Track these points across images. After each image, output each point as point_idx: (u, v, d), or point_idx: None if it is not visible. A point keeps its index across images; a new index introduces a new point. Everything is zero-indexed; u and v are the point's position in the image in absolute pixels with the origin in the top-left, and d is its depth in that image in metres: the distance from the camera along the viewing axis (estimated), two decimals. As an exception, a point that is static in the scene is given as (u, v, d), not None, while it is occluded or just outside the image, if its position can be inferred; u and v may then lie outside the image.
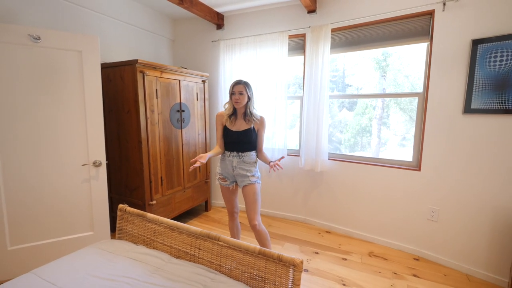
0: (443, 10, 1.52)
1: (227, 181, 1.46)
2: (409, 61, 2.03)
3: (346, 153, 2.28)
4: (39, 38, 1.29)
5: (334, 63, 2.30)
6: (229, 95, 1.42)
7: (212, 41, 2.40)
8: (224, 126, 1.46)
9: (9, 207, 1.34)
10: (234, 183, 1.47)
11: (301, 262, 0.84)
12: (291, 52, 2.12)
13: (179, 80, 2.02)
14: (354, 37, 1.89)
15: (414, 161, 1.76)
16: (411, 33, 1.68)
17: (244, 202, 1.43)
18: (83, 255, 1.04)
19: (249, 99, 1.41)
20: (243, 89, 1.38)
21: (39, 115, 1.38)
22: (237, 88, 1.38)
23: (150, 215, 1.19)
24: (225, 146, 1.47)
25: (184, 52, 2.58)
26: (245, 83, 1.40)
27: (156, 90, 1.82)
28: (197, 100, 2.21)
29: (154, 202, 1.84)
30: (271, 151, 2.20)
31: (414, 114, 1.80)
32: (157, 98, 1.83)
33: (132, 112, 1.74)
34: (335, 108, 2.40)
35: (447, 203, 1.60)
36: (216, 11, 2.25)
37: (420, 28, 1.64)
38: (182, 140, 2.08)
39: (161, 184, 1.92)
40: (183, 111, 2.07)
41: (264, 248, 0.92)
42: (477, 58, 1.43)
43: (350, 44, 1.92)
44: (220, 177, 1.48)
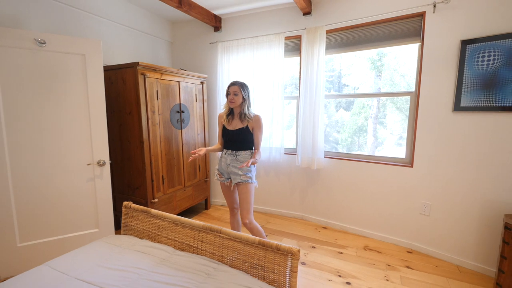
0: (434, 12, 1.57)
1: (223, 177, 1.53)
2: (403, 61, 2.05)
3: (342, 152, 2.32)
4: (44, 43, 1.34)
5: (330, 63, 2.32)
6: (226, 95, 1.48)
7: (210, 43, 2.45)
8: (223, 126, 1.53)
9: (18, 206, 1.39)
10: (229, 179, 1.53)
11: (298, 251, 0.91)
12: (287, 53, 2.18)
13: (179, 82, 2.07)
14: (348, 38, 1.95)
15: (407, 158, 1.83)
16: (403, 34, 1.74)
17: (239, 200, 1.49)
18: (92, 248, 1.10)
19: (244, 99, 1.46)
20: (238, 90, 1.44)
21: (46, 117, 1.43)
22: (232, 89, 1.44)
23: (154, 211, 1.25)
24: (224, 144, 1.54)
25: (182, 54, 2.63)
26: (240, 84, 1.46)
27: (157, 91, 1.87)
28: (196, 101, 2.27)
29: (156, 200, 1.90)
30: (268, 150, 2.27)
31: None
32: (157, 100, 1.88)
33: (134, 113, 1.80)
34: (332, 108, 2.41)
35: (439, 198, 1.67)
36: (213, 13, 2.31)
37: (411, 29, 1.70)
38: (182, 140, 2.14)
39: (163, 183, 1.98)
40: (182, 112, 2.12)
41: (263, 239, 0.99)
42: (466, 58, 1.48)
43: (345, 45, 1.98)
44: (217, 173, 1.55)
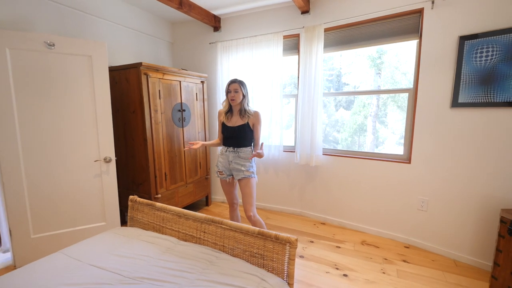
0: (432, 8, 1.57)
1: (224, 174, 1.58)
2: (402, 58, 2.05)
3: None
4: (53, 45, 1.41)
5: (330, 62, 2.32)
6: (225, 93, 1.54)
7: (210, 43, 2.49)
8: (222, 123, 1.57)
9: (31, 199, 1.47)
10: (231, 176, 1.58)
11: (296, 240, 0.96)
12: (286, 52, 2.21)
13: (180, 81, 2.13)
14: (347, 36, 1.96)
15: (405, 154, 1.84)
16: (401, 31, 1.74)
17: (241, 195, 1.55)
18: (102, 238, 1.17)
19: (243, 96, 1.51)
20: (238, 87, 1.49)
21: (56, 115, 1.50)
22: (232, 87, 1.50)
23: (159, 204, 1.32)
24: (224, 142, 1.59)
25: (183, 54, 2.68)
26: (240, 81, 1.51)
27: (159, 91, 1.94)
28: (197, 100, 2.33)
29: (159, 196, 1.97)
30: (267, 148, 2.31)
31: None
32: (160, 99, 1.94)
33: (137, 112, 1.86)
34: (331, 107, 2.40)
35: (436, 193, 1.68)
36: (213, 14, 2.36)
37: (410, 26, 1.70)
38: (183, 138, 2.20)
39: (165, 179, 2.05)
40: (184, 110, 2.18)
41: (262, 229, 1.04)
42: (464, 54, 1.48)
43: (343, 43, 1.99)
44: (218, 170, 1.60)
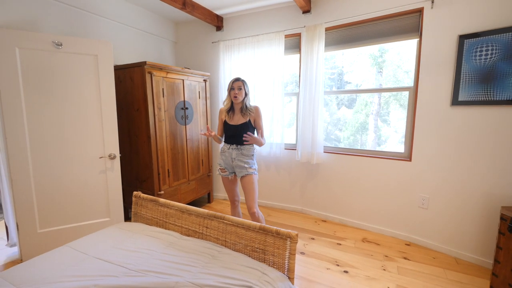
0: (432, 8, 1.59)
1: (226, 171, 1.60)
2: (404, 56, 2.05)
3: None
4: (61, 45, 1.45)
5: (332, 61, 2.33)
6: (228, 91, 1.56)
7: (212, 42, 2.52)
8: (224, 121, 1.59)
9: (38, 195, 1.51)
10: (233, 173, 1.60)
11: (297, 235, 0.98)
12: (287, 51, 2.23)
13: (183, 80, 2.16)
14: (348, 35, 1.98)
15: (406, 152, 1.85)
16: (402, 30, 1.76)
17: (243, 192, 1.56)
18: (107, 232, 1.19)
19: (245, 94, 1.55)
20: (242, 85, 1.53)
21: (62, 113, 1.53)
22: (236, 84, 1.52)
23: (162, 200, 1.34)
24: (226, 140, 1.61)
25: (186, 53, 2.71)
26: (243, 80, 1.55)
27: (163, 89, 1.96)
28: (199, 98, 2.35)
29: (162, 192, 1.99)
30: (269, 146, 2.33)
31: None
32: (163, 97, 1.97)
33: (141, 110, 1.89)
34: (333, 106, 2.39)
35: (437, 191, 1.69)
36: (215, 13, 2.38)
37: (410, 25, 1.72)
38: (186, 135, 2.23)
39: (168, 176, 2.07)
40: (186, 108, 2.21)
41: (263, 225, 1.06)
42: (464, 53, 1.50)
43: (345, 42, 2.01)
44: (220, 168, 1.61)
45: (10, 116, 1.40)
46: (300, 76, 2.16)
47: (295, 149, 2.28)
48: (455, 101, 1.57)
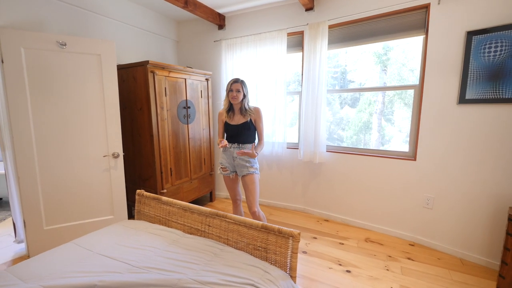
0: (438, 3, 1.55)
1: (227, 170, 1.60)
2: (409, 54, 2.01)
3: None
4: (65, 44, 1.46)
5: (335, 59, 2.30)
6: (226, 92, 1.55)
7: (214, 41, 2.52)
8: (225, 122, 1.59)
9: (43, 193, 1.53)
10: (234, 172, 1.60)
11: (299, 234, 0.97)
12: (290, 49, 2.21)
13: (185, 79, 2.17)
14: (352, 32, 1.94)
15: (410, 152, 1.83)
16: (407, 27, 1.72)
17: (244, 191, 1.56)
18: (111, 230, 1.21)
19: (244, 96, 1.54)
20: (240, 87, 1.52)
21: (67, 112, 1.55)
22: (234, 86, 1.52)
23: (165, 198, 1.35)
24: (227, 140, 1.60)
25: (188, 52, 2.71)
26: (241, 81, 1.54)
27: (165, 88, 1.97)
28: (202, 97, 2.36)
29: (165, 191, 2.01)
30: (271, 145, 2.33)
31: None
32: (166, 96, 1.98)
33: (144, 109, 1.90)
34: (336, 105, 2.36)
35: (442, 191, 1.66)
36: (217, 12, 2.38)
37: (416, 21, 1.68)
38: (188, 134, 2.24)
39: (171, 175, 2.09)
40: (189, 107, 2.22)
41: (266, 223, 1.06)
42: (472, 49, 1.46)
43: (348, 40, 1.98)
44: (221, 167, 1.62)
45: (16, 115, 1.43)
46: (302, 74, 2.14)
47: (297, 148, 2.27)
48: (462, 99, 1.54)
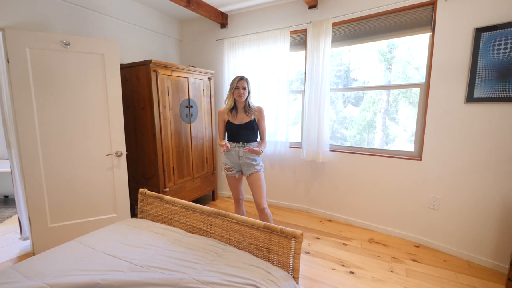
0: (446, 0, 1.52)
1: (233, 170, 1.59)
2: (414, 52, 1.97)
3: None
4: (69, 44, 1.47)
5: (339, 57, 2.27)
6: (231, 89, 1.53)
7: (217, 40, 2.51)
8: (227, 121, 1.58)
9: (48, 191, 1.55)
10: (240, 172, 1.60)
11: (301, 234, 0.96)
12: (293, 48, 2.19)
13: (188, 78, 2.17)
14: (356, 30, 1.90)
15: (416, 151, 1.79)
16: (413, 24, 1.68)
17: (251, 189, 1.56)
18: (114, 228, 1.22)
19: (248, 93, 1.54)
20: (246, 84, 1.52)
21: (71, 111, 1.57)
22: (241, 84, 1.51)
23: (167, 197, 1.35)
24: (230, 138, 1.59)
25: (190, 51, 2.71)
26: (246, 78, 1.54)
27: (168, 87, 1.97)
28: (204, 96, 2.36)
29: (167, 190, 2.02)
30: (274, 144, 2.32)
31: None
32: (168, 95, 1.98)
33: (147, 108, 1.91)
34: (340, 104, 2.34)
35: (449, 191, 1.63)
36: (220, 11, 2.37)
37: (422, 18, 1.64)
38: (191, 133, 2.24)
39: (173, 174, 2.09)
40: (191, 106, 2.22)
41: (268, 223, 1.05)
42: (481, 47, 1.42)
43: (352, 37, 1.94)
44: (226, 167, 1.60)
45: (22, 114, 1.44)
46: (305, 73, 2.12)
47: (300, 148, 2.25)
48: (470, 98, 1.50)
